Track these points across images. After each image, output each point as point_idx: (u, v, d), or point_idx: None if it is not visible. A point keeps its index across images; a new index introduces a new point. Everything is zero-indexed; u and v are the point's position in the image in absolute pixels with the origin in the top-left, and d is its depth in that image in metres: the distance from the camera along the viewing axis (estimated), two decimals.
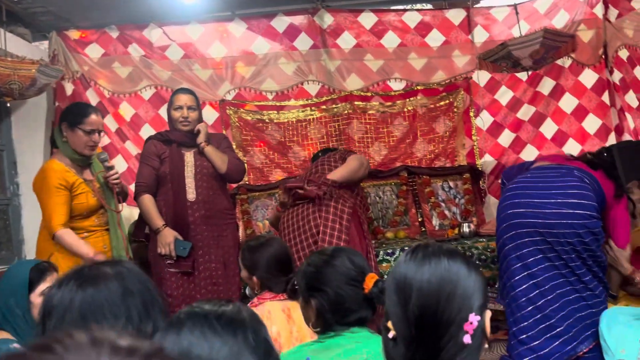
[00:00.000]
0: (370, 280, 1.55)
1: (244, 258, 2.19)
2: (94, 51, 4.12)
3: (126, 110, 4.15)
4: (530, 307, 2.45)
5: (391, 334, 1.06)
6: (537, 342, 2.44)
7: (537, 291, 2.43)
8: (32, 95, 3.46)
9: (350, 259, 1.60)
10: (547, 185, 2.48)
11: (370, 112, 4.31)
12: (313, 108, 4.26)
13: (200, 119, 3.03)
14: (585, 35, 4.25)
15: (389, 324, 1.06)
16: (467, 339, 1.00)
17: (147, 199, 2.89)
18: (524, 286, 2.45)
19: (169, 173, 2.89)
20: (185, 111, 2.93)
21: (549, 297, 2.42)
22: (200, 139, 2.92)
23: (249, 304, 2.04)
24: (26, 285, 1.85)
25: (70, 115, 2.74)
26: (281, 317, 1.91)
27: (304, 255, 2.79)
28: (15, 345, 1.78)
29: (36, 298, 1.87)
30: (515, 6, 4.27)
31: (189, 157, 2.94)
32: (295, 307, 1.92)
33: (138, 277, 1.06)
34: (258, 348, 0.91)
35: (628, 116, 4.15)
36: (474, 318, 1.01)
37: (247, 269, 2.16)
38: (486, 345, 1.07)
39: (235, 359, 0.88)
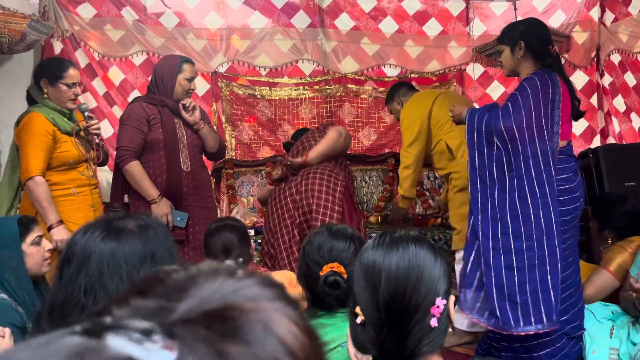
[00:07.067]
0: (325, 270, 1.49)
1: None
2: (86, 11, 3.99)
3: (115, 75, 4.06)
4: None
5: (359, 319, 1.06)
6: None
7: None
8: (20, 51, 3.35)
9: (328, 242, 1.54)
10: None
11: (362, 96, 4.30)
12: (306, 87, 4.23)
13: None
14: (580, 37, 4.30)
15: (358, 310, 1.07)
16: (434, 322, 1.03)
17: (139, 166, 2.72)
18: None
19: (163, 140, 2.77)
20: (194, 83, 2.90)
21: None
22: (197, 118, 2.87)
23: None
24: (17, 236, 1.83)
25: (49, 71, 2.70)
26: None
27: (295, 233, 2.82)
28: (3, 295, 1.74)
29: (28, 247, 1.88)
30: (514, 2, 4.28)
31: (180, 126, 2.88)
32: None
33: (162, 242, 1.04)
34: None
35: (614, 120, 4.22)
36: (440, 302, 1.04)
37: None
38: (450, 329, 1.10)
39: None
